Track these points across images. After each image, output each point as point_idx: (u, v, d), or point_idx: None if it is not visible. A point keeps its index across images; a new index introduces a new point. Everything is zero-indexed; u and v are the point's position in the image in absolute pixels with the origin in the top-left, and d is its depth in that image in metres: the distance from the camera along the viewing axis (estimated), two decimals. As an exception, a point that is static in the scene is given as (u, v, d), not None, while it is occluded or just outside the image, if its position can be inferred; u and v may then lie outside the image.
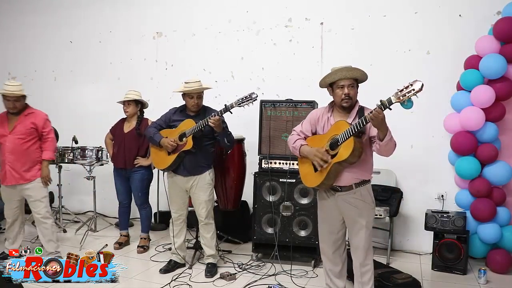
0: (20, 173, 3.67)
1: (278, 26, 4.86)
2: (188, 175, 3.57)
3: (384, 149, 2.54)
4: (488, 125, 3.81)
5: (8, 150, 3.66)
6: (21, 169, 3.67)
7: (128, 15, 5.57)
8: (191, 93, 3.54)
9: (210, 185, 3.63)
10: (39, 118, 3.75)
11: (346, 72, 2.66)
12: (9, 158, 3.65)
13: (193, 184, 3.58)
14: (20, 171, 3.67)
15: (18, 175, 3.67)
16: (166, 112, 3.75)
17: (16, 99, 3.63)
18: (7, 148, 3.66)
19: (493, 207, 3.76)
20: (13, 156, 3.65)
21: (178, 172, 3.59)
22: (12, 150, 3.65)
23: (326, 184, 2.68)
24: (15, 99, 3.62)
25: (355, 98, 2.70)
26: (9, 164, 3.65)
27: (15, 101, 3.63)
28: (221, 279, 3.50)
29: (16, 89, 3.60)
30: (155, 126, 3.69)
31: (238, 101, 3.35)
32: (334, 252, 2.87)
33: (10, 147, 3.65)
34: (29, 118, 3.72)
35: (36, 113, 3.78)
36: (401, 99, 2.34)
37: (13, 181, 3.67)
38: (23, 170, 3.67)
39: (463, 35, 4.09)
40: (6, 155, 3.66)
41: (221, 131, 3.44)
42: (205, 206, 3.60)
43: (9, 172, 3.66)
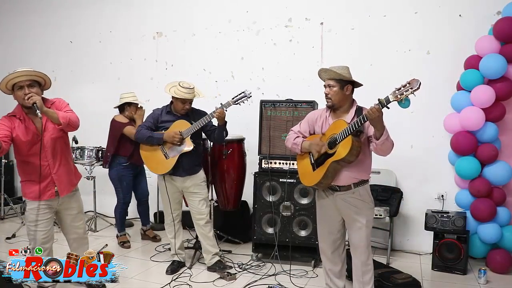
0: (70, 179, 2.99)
1: (278, 26, 4.85)
2: (186, 175, 3.57)
3: (381, 148, 2.54)
4: (488, 125, 3.81)
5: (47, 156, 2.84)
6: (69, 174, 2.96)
7: (128, 15, 5.57)
8: (186, 99, 3.53)
9: (205, 182, 3.70)
10: (57, 103, 2.94)
11: (323, 73, 2.75)
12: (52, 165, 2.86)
13: (190, 184, 3.59)
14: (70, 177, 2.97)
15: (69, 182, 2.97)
16: (151, 114, 3.70)
17: (30, 85, 2.75)
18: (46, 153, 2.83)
19: (493, 207, 3.76)
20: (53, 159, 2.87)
21: (176, 173, 3.58)
22: (53, 152, 2.86)
23: (324, 183, 2.68)
24: (28, 85, 2.75)
25: (335, 98, 2.70)
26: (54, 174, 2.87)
27: (31, 86, 2.75)
28: (221, 279, 3.50)
29: (33, 72, 2.78)
30: (146, 128, 3.60)
31: (234, 99, 3.46)
32: (333, 252, 2.88)
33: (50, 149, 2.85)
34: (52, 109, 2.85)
35: (56, 102, 2.95)
36: (399, 97, 2.35)
37: (66, 191, 2.95)
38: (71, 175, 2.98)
39: (463, 35, 4.09)
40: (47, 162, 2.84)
41: (223, 123, 3.55)
42: (205, 202, 3.65)
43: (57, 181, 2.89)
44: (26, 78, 2.75)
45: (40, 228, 2.90)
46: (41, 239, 2.90)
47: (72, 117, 2.83)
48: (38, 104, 2.65)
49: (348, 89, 2.71)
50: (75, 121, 2.86)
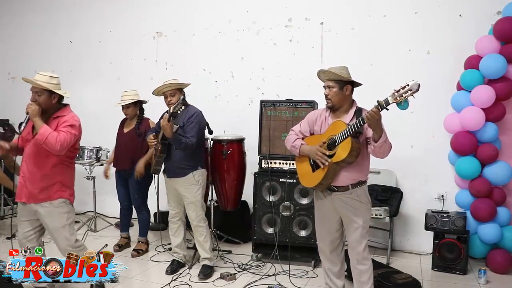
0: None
1: (278, 26, 4.85)
2: (173, 177, 3.57)
3: (379, 150, 2.54)
4: (488, 125, 3.81)
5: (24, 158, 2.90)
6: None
7: (128, 15, 5.57)
8: (163, 93, 3.55)
9: (196, 186, 3.54)
10: (63, 119, 2.88)
11: (322, 74, 2.75)
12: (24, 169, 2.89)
13: (179, 186, 3.57)
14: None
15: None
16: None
17: (38, 92, 2.82)
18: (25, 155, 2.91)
19: (493, 207, 3.76)
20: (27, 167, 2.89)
21: (166, 173, 3.64)
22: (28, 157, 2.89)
23: (324, 184, 2.69)
24: (37, 92, 2.83)
25: (335, 98, 2.70)
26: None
27: (36, 95, 2.83)
28: (221, 279, 3.50)
29: (42, 79, 2.81)
30: (151, 131, 3.73)
31: (175, 105, 3.28)
32: (332, 252, 2.88)
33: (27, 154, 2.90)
34: (55, 123, 2.86)
35: (67, 117, 2.89)
36: (398, 99, 2.35)
37: (24, 198, 2.91)
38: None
39: (463, 35, 4.09)
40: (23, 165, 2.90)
41: (170, 137, 3.29)
42: (192, 207, 3.56)
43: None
44: (34, 90, 2.84)
45: (19, 228, 3.00)
46: (19, 239, 2.99)
47: (51, 138, 2.70)
48: (30, 113, 2.76)
49: (348, 89, 2.71)
50: (51, 143, 2.70)
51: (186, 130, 3.46)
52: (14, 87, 6.29)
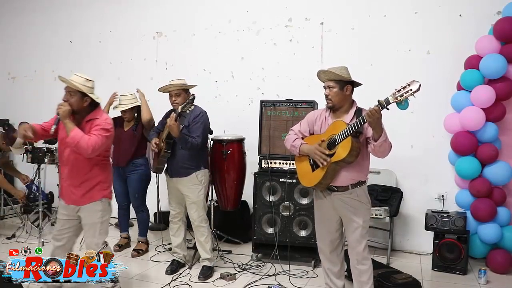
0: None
1: (278, 26, 4.86)
2: (176, 177, 3.57)
3: (378, 150, 2.54)
4: (488, 125, 3.81)
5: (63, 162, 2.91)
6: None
7: (128, 15, 5.57)
8: (169, 92, 3.54)
9: (198, 186, 3.54)
10: (95, 122, 2.83)
11: (322, 74, 2.75)
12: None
13: (182, 185, 3.56)
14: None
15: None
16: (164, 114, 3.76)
17: (72, 92, 2.79)
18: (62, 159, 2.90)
19: (493, 207, 3.76)
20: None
21: (168, 173, 3.64)
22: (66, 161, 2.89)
23: (324, 183, 2.68)
24: (70, 92, 2.80)
25: (336, 99, 2.70)
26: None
27: (69, 94, 2.80)
28: (221, 279, 3.50)
29: (77, 81, 2.81)
30: (154, 130, 3.73)
31: (182, 105, 3.26)
32: (332, 252, 2.89)
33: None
34: (88, 125, 2.83)
35: (100, 119, 2.85)
36: (399, 99, 2.36)
37: (67, 201, 2.95)
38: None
39: (463, 35, 4.09)
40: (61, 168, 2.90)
41: (177, 137, 3.29)
42: (194, 207, 3.55)
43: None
44: (67, 89, 2.83)
45: (57, 224, 3.08)
46: (53, 234, 3.07)
47: (82, 142, 2.69)
48: (60, 114, 2.73)
49: (348, 89, 2.71)
50: (83, 147, 2.70)
51: (192, 130, 3.45)
52: (14, 87, 6.31)
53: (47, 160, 4.76)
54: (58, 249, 2.93)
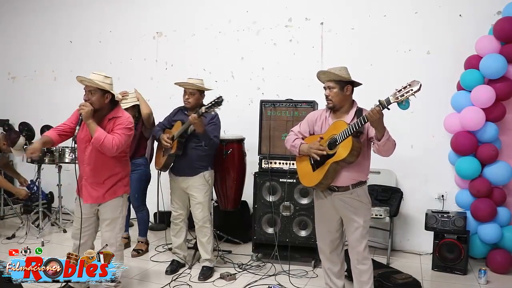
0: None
1: (278, 26, 4.86)
2: (183, 176, 3.56)
3: (383, 149, 2.55)
4: (489, 125, 3.81)
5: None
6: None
7: (128, 15, 5.57)
8: (184, 88, 3.55)
9: (205, 186, 3.56)
10: (117, 120, 2.88)
11: (322, 75, 2.75)
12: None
13: (188, 185, 3.56)
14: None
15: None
16: (171, 112, 3.76)
17: (92, 91, 2.82)
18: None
19: (493, 207, 3.76)
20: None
21: (174, 172, 3.62)
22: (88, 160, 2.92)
23: (324, 183, 2.69)
24: (90, 90, 2.84)
25: (336, 99, 2.71)
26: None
27: (90, 93, 2.83)
28: (221, 279, 3.50)
29: (97, 79, 2.81)
30: (160, 126, 3.73)
31: (208, 105, 3.28)
32: (332, 252, 2.89)
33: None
34: (110, 124, 2.88)
35: (122, 118, 2.90)
36: (400, 99, 2.36)
37: (86, 200, 2.96)
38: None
39: (463, 35, 4.09)
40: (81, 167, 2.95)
41: (201, 133, 3.36)
42: (200, 207, 3.55)
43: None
44: (87, 89, 2.85)
45: (74, 222, 3.06)
46: (73, 233, 3.07)
47: (107, 142, 2.75)
48: (83, 115, 2.77)
49: (348, 89, 2.71)
50: (107, 147, 2.76)
51: (208, 130, 3.46)
52: (14, 87, 6.30)
53: (47, 160, 4.77)
54: (81, 247, 2.95)
